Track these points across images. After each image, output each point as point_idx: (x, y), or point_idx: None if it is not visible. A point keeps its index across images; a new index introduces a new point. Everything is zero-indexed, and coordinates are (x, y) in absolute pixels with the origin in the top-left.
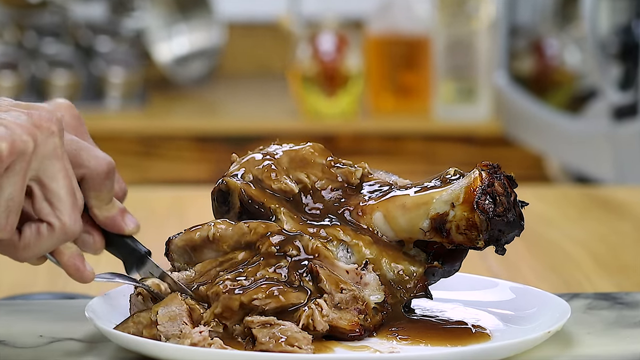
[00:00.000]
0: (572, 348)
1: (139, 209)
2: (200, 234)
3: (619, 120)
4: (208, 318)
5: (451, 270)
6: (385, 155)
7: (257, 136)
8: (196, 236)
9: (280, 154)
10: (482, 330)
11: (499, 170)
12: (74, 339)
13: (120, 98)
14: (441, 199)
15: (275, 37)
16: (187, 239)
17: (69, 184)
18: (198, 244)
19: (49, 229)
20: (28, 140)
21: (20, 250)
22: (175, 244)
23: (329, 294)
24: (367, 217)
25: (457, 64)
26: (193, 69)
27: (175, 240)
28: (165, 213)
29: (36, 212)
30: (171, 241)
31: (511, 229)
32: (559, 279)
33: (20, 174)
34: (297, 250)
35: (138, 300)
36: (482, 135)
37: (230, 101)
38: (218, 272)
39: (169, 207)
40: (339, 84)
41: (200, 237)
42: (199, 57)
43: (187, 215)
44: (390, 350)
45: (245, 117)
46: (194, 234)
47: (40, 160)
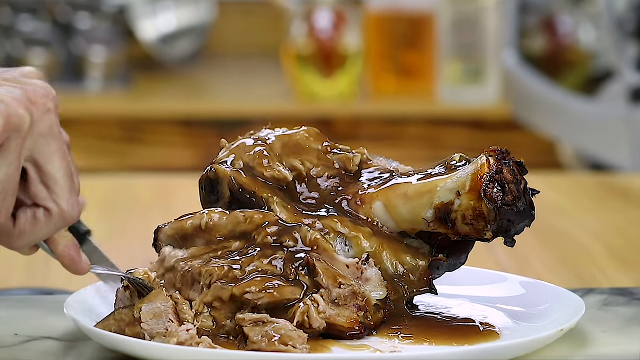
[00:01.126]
0: (587, 347)
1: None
2: (193, 223)
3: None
4: (198, 306)
5: (457, 264)
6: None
7: (249, 120)
8: (187, 225)
9: (273, 139)
10: (490, 328)
11: (508, 156)
12: (52, 338)
13: (102, 79)
14: (446, 187)
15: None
16: (178, 228)
17: (67, 166)
18: (189, 233)
19: (46, 214)
20: (25, 116)
21: (15, 238)
22: (165, 232)
23: (326, 289)
24: (366, 207)
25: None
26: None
27: (165, 229)
28: (150, 203)
29: (32, 196)
30: (160, 230)
31: (521, 219)
32: (572, 273)
33: (15, 152)
34: (294, 241)
35: (125, 296)
36: (490, 119)
37: (219, 82)
38: (211, 258)
39: (154, 196)
40: (336, 64)
41: (192, 225)
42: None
43: (173, 205)
44: (392, 350)
45: (235, 100)
46: (185, 223)
47: (35, 139)
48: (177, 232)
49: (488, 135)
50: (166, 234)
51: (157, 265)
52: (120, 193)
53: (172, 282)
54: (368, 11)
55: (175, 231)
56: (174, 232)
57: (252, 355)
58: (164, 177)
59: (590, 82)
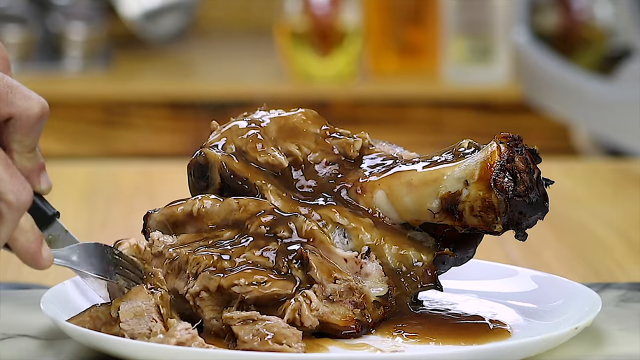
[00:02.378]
0: (603, 346)
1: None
2: (184, 209)
3: None
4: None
5: (464, 258)
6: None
7: (240, 102)
8: (178, 211)
9: (268, 121)
10: (500, 326)
11: (520, 142)
12: (28, 336)
13: (81, 58)
14: (453, 175)
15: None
16: (168, 214)
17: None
18: (180, 219)
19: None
20: None
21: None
22: (154, 218)
23: (319, 284)
24: (367, 195)
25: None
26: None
27: (154, 215)
28: (133, 191)
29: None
30: (150, 215)
31: (533, 211)
32: (587, 266)
33: None
34: (289, 232)
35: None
36: (499, 101)
37: (208, 62)
38: (201, 247)
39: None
40: (333, 42)
41: (183, 212)
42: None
43: (158, 193)
44: (394, 349)
45: (226, 80)
46: (176, 209)
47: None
48: (167, 218)
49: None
50: (156, 220)
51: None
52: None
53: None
54: None
55: (165, 217)
56: (164, 218)
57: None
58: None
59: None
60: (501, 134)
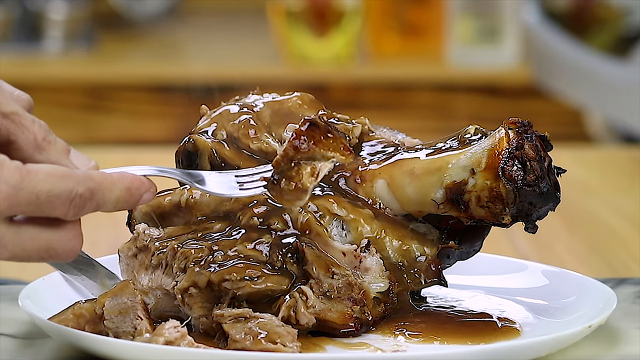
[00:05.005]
0: (618, 345)
1: None
2: (171, 200)
3: None
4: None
5: (470, 252)
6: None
7: (231, 85)
8: (165, 201)
9: (261, 106)
10: (509, 324)
11: (530, 129)
12: (5, 334)
13: (62, 39)
14: (458, 163)
15: None
16: (155, 205)
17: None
18: (167, 210)
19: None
20: None
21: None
22: (140, 210)
23: (316, 280)
24: (366, 185)
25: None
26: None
27: (139, 206)
28: None
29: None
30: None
31: (544, 202)
32: (602, 261)
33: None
34: (284, 224)
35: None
36: (508, 84)
37: (198, 42)
38: (189, 240)
39: None
40: (331, 21)
41: (171, 202)
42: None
43: None
44: (395, 348)
45: (216, 62)
46: (163, 199)
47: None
48: (153, 209)
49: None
50: (141, 212)
51: (130, 244)
52: None
53: (144, 264)
54: None
55: (151, 208)
56: (150, 210)
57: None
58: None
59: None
60: (510, 120)
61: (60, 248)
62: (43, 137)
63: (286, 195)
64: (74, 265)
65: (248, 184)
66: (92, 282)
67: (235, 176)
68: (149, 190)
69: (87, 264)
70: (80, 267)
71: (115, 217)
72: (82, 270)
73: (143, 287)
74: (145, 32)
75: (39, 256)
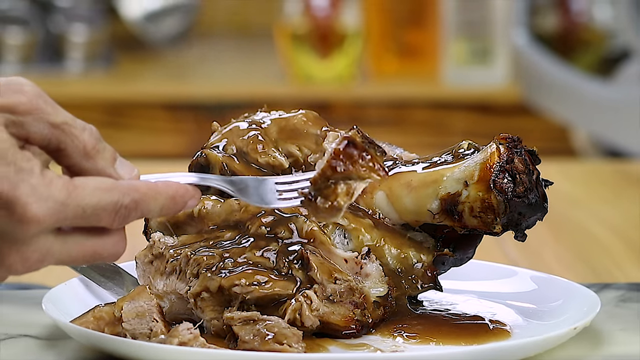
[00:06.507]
0: (602, 346)
1: None
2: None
3: None
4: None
5: (463, 259)
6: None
7: (240, 103)
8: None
9: (269, 122)
10: (500, 326)
11: (519, 144)
12: (29, 336)
13: (83, 60)
14: (453, 176)
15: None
16: None
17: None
18: (181, 220)
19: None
20: None
21: None
22: (155, 219)
23: (320, 285)
24: (367, 196)
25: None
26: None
27: None
28: None
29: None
30: None
31: (533, 212)
32: (587, 267)
33: None
34: (289, 232)
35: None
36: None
37: (208, 64)
38: (201, 247)
39: None
40: (333, 43)
41: (184, 213)
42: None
43: None
44: (394, 349)
45: (226, 82)
46: None
47: None
48: (168, 219)
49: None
50: (157, 221)
51: (146, 251)
52: None
53: (159, 270)
54: None
55: (166, 218)
56: (165, 219)
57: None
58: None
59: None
60: (500, 135)
61: (105, 253)
62: (92, 146)
63: (321, 213)
64: (101, 273)
65: (287, 193)
66: (119, 289)
67: (276, 183)
68: (193, 197)
69: (114, 272)
70: (107, 275)
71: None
72: (110, 278)
73: (158, 291)
74: (160, 53)
75: (84, 261)
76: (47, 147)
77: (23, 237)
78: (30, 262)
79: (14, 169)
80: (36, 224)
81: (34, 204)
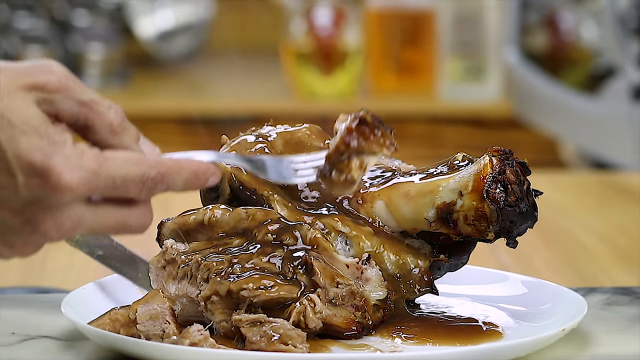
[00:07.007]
0: (589, 347)
1: None
2: (195, 218)
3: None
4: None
5: (458, 264)
6: None
7: (248, 118)
8: (190, 220)
9: (274, 136)
10: (493, 327)
11: (511, 156)
12: (49, 337)
13: (99, 77)
14: (448, 186)
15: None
16: (181, 223)
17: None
18: (192, 228)
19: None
20: None
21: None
22: (168, 227)
23: (323, 289)
24: (367, 205)
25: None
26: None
27: (168, 224)
28: None
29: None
30: (164, 224)
31: (524, 220)
32: (574, 272)
33: None
34: (294, 240)
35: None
36: (492, 117)
37: (218, 80)
38: (211, 253)
39: None
40: (336, 61)
41: (195, 221)
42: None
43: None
44: (393, 349)
45: (235, 97)
46: (188, 218)
47: None
48: (179, 226)
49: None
50: (169, 228)
51: (159, 257)
52: None
53: (171, 274)
54: (368, 8)
55: (178, 225)
56: (177, 227)
57: (256, 355)
58: None
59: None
60: (493, 148)
61: (133, 223)
62: (118, 123)
63: (336, 186)
64: (117, 260)
65: (302, 170)
66: (134, 274)
67: (292, 162)
68: (214, 174)
69: (129, 258)
70: (123, 261)
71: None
72: (125, 264)
73: (171, 295)
74: (173, 71)
75: (114, 231)
76: (75, 123)
77: (57, 204)
78: (64, 229)
79: (47, 141)
80: (69, 191)
81: (68, 173)
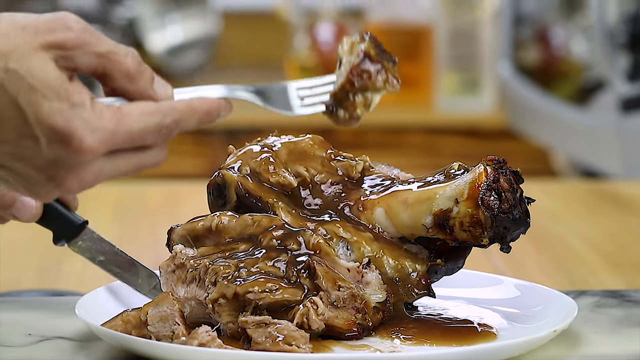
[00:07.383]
0: (579, 347)
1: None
2: (204, 224)
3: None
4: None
5: (454, 268)
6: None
7: (254, 129)
8: (199, 226)
9: (279, 146)
10: (487, 329)
11: (505, 165)
12: (63, 338)
13: None
14: (445, 194)
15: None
16: (190, 229)
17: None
18: (200, 233)
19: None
20: None
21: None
22: (177, 233)
23: (325, 292)
24: (368, 212)
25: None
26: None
27: (177, 230)
28: (158, 208)
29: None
30: (173, 230)
31: (517, 227)
32: (565, 276)
33: None
34: (298, 245)
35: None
36: (486, 127)
37: None
38: (218, 258)
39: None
40: None
41: (203, 227)
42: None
43: (181, 210)
44: (392, 349)
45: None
46: (197, 224)
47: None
48: (188, 232)
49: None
50: (178, 234)
51: (169, 261)
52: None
53: (181, 278)
54: (368, 23)
55: (187, 231)
56: (186, 233)
57: (261, 355)
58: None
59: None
60: (488, 157)
61: (147, 163)
62: (135, 69)
63: (341, 122)
64: (117, 265)
65: (309, 99)
66: (134, 279)
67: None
68: (225, 109)
69: (129, 264)
70: (123, 267)
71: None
72: (125, 269)
73: (180, 297)
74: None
75: (131, 173)
76: (93, 73)
77: (79, 163)
78: (85, 182)
79: (67, 104)
80: (91, 153)
81: (88, 137)
